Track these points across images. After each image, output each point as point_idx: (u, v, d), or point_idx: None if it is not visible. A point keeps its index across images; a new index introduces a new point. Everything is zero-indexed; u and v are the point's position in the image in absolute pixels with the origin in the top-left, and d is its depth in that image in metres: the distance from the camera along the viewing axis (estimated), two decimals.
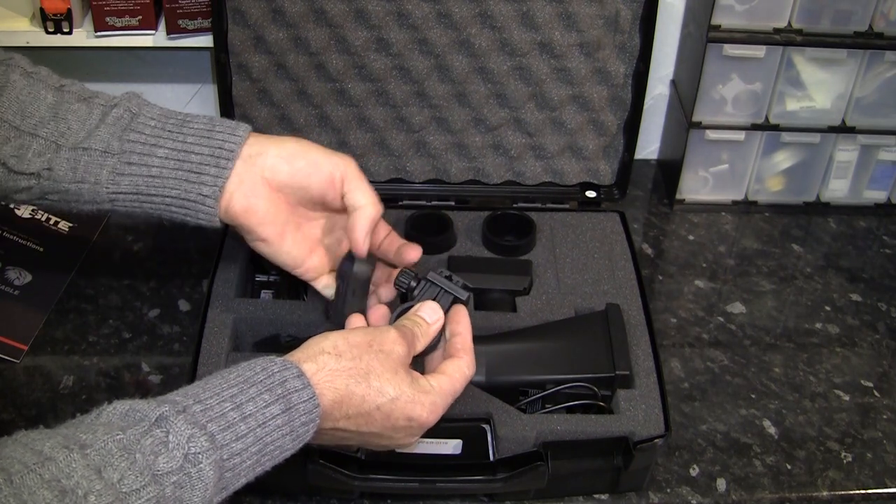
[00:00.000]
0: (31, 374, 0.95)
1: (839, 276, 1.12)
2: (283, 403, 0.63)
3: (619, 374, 0.85)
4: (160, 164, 0.77)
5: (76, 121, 0.76)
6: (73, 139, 0.76)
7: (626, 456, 0.82)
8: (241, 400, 0.62)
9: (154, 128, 0.77)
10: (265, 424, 0.62)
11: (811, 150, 1.18)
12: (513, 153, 1.07)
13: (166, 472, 0.56)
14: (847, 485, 0.89)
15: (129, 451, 0.56)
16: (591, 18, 0.99)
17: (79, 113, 0.76)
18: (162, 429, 0.57)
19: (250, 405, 0.62)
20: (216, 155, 0.77)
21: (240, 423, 0.61)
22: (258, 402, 0.62)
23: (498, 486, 0.82)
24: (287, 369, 0.64)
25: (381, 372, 0.69)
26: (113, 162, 0.76)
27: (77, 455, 0.54)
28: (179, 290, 1.05)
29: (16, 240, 1.03)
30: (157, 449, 0.56)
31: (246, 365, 0.65)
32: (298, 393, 0.64)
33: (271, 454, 0.62)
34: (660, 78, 1.22)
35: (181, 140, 0.77)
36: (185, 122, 0.78)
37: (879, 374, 1.00)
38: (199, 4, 1.04)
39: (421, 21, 0.98)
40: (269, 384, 0.63)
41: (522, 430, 0.82)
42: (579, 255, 1.01)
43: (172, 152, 0.77)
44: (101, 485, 0.53)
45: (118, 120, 0.77)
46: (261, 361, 0.65)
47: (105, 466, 0.54)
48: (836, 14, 1.08)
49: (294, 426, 0.63)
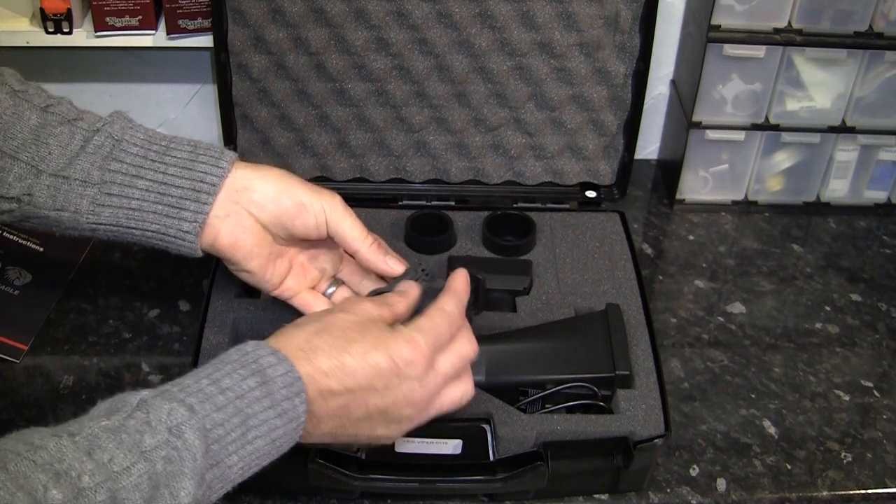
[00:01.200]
0: (31, 374, 0.95)
1: (839, 276, 1.12)
2: (259, 377, 0.63)
3: (619, 374, 0.85)
4: (140, 197, 0.76)
5: (57, 146, 0.75)
6: (53, 165, 0.75)
7: (626, 456, 0.82)
8: (216, 376, 0.62)
9: (136, 156, 0.77)
10: (243, 396, 0.62)
11: (811, 150, 1.18)
12: (513, 153, 1.07)
13: (153, 447, 0.57)
14: (847, 485, 0.89)
15: (115, 433, 0.57)
16: (591, 18, 0.99)
17: (61, 138, 0.76)
18: (143, 410, 0.59)
19: (227, 380, 0.62)
20: (197, 189, 0.76)
21: (218, 395, 0.61)
22: (234, 376, 0.62)
23: (498, 486, 0.82)
24: (260, 348, 0.65)
25: (341, 324, 0.68)
26: (93, 192, 0.75)
27: (66, 441, 0.55)
28: (179, 290, 1.05)
29: (16, 240, 1.03)
30: (140, 428, 0.58)
31: (220, 354, 0.66)
32: (273, 367, 0.64)
33: (257, 429, 0.62)
34: (660, 78, 1.22)
35: (162, 171, 0.76)
36: (169, 149, 0.78)
37: (879, 374, 1.00)
38: (199, 4, 1.04)
39: (421, 21, 0.98)
40: (244, 361, 0.64)
41: (522, 430, 0.82)
42: (579, 255, 1.01)
43: (153, 184, 0.76)
44: (93, 465, 0.55)
45: (99, 148, 0.76)
46: (234, 347, 0.66)
47: (94, 449, 0.56)
48: (836, 14, 1.08)
49: (275, 399, 0.63)
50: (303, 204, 0.79)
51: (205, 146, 0.79)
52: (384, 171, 1.08)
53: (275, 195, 0.79)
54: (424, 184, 1.09)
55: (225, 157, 0.78)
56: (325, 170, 1.07)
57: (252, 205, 0.78)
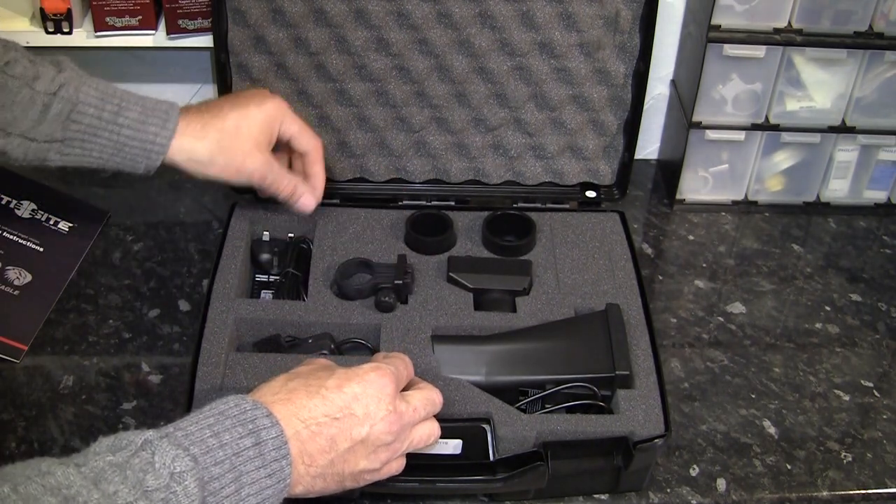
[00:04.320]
0: (31, 374, 0.95)
1: (839, 276, 1.12)
2: (254, 437, 0.65)
3: (619, 374, 0.85)
4: (99, 152, 0.87)
5: (21, 111, 0.83)
6: (20, 128, 0.84)
7: (626, 456, 0.82)
8: (217, 429, 0.64)
9: (91, 116, 0.85)
10: (239, 454, 0.64)
11: (811, 150, 1.18)
12: (513, 153, 1.07)
13: (154, 489, 0.59)
14: (847, 485, 0.89)
15: (121, 469, 0.58)
16: (591, 18, 0.99)
17: (23, 104, 0.83)
18: (147, 451, 0.60)
19: (226, 435, 0.64)
20: (147, 149, 0.87)
21: (217, 449, 0.63)
22: (233, 433, 0.64)
23: (498, 486, 0.82)
24: (257, 408, 0.67)
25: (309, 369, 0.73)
26: (58, 146, 0.86)
27: (73, 470, 0.57)
28: (179, 290, 1.05)
29: (16, 240, 1.03)
30: (144, 468, 0.59)
31: (219, 400, 0.67)
32: (267, 430, 0.66)
33: (249, 487, 0.64)
34: (660, 78, 1.22)
35: (116, 132, 0.86)
36: (121, 109, 0.86)
37: (879, 374, 1.00)
38: (199, 4, 1.04)
39: (421, 21, 0.98)
40: (242, 419, 0.65)
41: (522, 430, 0.82)
42: (579, 255, 1.01)
43: (109, 143, 0.87)
44: (99, 495, 0.56)
45: (58, 115, 0.84)
46: (233, 398, 0.67)
47: (100, 480, 0.57)
48: (836, 14, 1.08)
49: (266, 460, 0.65)
50: (237, 170, 0.91)
51: (152, 105, 0.88)
52: (384, 171, 1.08)
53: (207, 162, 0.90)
54: (424, 184, 1.09)
55: (171, 119, 0.88)
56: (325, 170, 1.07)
57: (190, 168, 0.90)
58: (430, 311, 0.92)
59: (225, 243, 0.97)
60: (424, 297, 0.93)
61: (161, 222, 1.14)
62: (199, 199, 1.17)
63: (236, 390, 0.80)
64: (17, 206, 1.06)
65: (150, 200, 1.17)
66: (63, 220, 1.08)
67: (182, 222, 1.14)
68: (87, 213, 1.10)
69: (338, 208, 1.04)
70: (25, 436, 0.89)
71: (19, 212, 1.06)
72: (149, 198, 1.17)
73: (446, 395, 0.84)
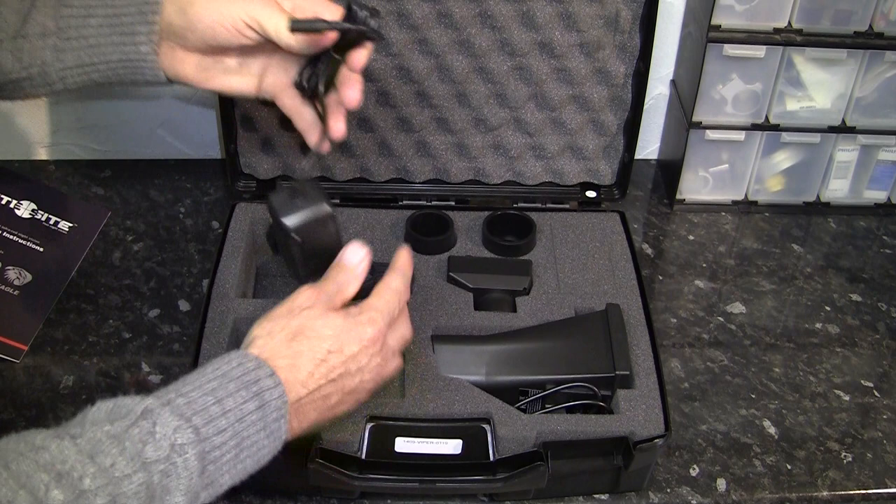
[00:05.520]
0: (31, 374, 0.95)
1: (839, 276, 1.12)
2: (258, 400, 0.65)
3: (619, 374, 0.85)
4: (96, 33, 0.79)
5: (10, 12, 0.78)
6: (10, 30, 0.78)
7: (626, 456, 0.82)
8: (221, 395, 0.63)
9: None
10: (242, 420, 0.63)
11: (811, 150, 1.18)
12: (513, 153, 1.07)
13: (154, 460, 0.58)
14: (847, 485, 0.89)
15: (119, 440, 0.57)
16: (591, 18, 0.99)
17: (11, 3, 0.78)
18: (148, 420, 0.59)
19: (230, 401, 0.63)
20: (143, 11, 0.79)
21: (220, 417, 0.62)
22: (237, 398, 0.64)
23: (498, 486, 0.82)
24: (261, 367, 0.66)
25: (311, 324, 0.71)
26: (52, 41, 0.79)
27: (68, 443, 0.56)
28: (179, 290, 1.05)
29: (16, 240, 1.03)
30: (144, 438, 0.58)
31: (220, 360, 0.66)
32: (270, 391, 0.66)
33: (248, 450, 0.64)
34: (660, 78, 1.22)
35: (111, 4, 0.79)
36: None
37: (879, 374, 1.00)
38: None
39: (421, 21, 0.98)
40: (246, 381, 0.65)
41: (522, 430, 0.82)
42: (579, 255, 1.01)
43: (105, 19, 0.79)
44: (95, 468, 0.55)
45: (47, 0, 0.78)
46: (236, 356, 0.67)
47: (97, 453, 0.56)
48: (836, 14, 1.08)
49: (267, 422, 0.65)
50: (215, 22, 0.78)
51: None
52: (384, 171, 1.08)
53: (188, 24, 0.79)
54: (425, 184, 1.09)
55: None
56: (325, 170, 1.07)
57: (177, 38, 0.80)
58: (431, 311, 0.92)
59: (225, 243, 0.97)
60: (424, 297, 0.93)
61: (161, 222, 1.14)
62: (199, 199, 1.17)
63: None
64: (17, 206, 1.06)
65: (150, 200, 1.17)
66: (63, 220, 1.08)
67: (182, 222, 1.14)
68: (87, 213, 1.10)
69: (338, 208, 1.04)
70: None
71: (19, 212, 1.06)
72: (149, 198, 1.17)
73: (446, 395, 0.84)
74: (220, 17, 0.78)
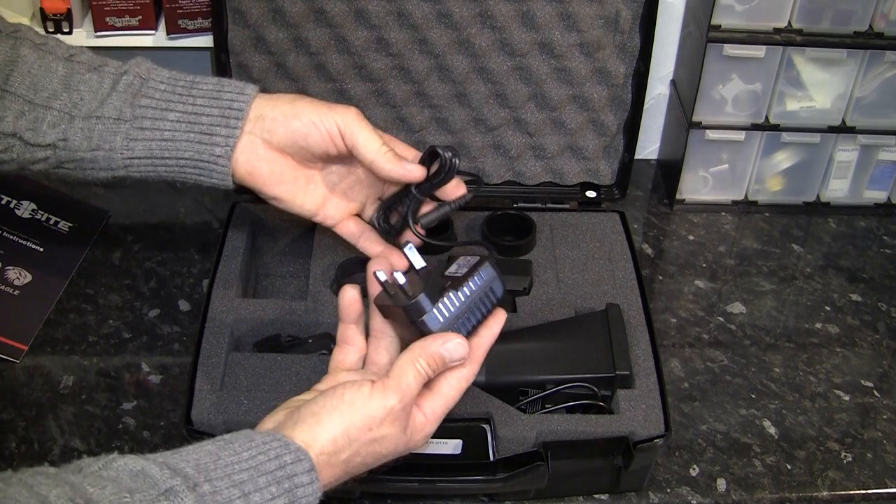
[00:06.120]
0: (31, 374, 0.95)
1: (839, 276, 1.12)
2: (288, 497, 0.62)
3: (619, 374, 0.85)
4: (172, 128, 0.79)
5: (88, 91, 0.78)
6: (85, 109, 0.78)
7: (626, 456, 0.82)
8: (249, 489, 0.61)
9: (164, 91, 0.79)
10: None
11: (811, 150, 1.18)
12: (513, 153, 1.07)
13: None
14: (847, 485, 0.89)
15: None
16: (591, 18, 0.99)
17: (90, 83, 0.78)
18: (170, 502, 0.57)
19: (256, 496, 0.61)
20: (226, 115, 0.79)
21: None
22: (265, 493, 0.61)
23: (498, 486, 0.82)
24: (299, 462, 0.63)
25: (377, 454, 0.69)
26: (126, 128, 0.78)
27: None
28: (179, 290, 1.05)
29: (16, 240, 1.03)
30: None
31: (259, 445, 0.63)
32: (304, 488, 0.63)
33: None
34: (660, 78, 1.22)
35: (191, 103, 0.79)
36: (195, 84, 0.80)
37: (879, 374, 1.00)
38: (199, 4, 1.04)
39: (421, 21, 0.98)
40: (279, 476, 0.62)
41: (522, 430, 0.82)
42: (579, 255, 1.01)
43: (183, 115, 0.79)
44: None
45: (128, 87, 0.79)
46: (275, 446, 0.63)
47: None
48: (836, 14, 1.08)
49: None
50: (312, 122, 0.80)
51: (227, 80, 0.82)
52: None
53: (284, 118, 0.80)
54: None
55: (248, 87, 0.81)
56: None
57: (264, 131, 0.80)
58: None
59: (225, 243, 0.97)
60: None
61: (161, 222, 1.14)
62: (200, 199, 1.17)
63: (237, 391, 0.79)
64: (17, 206, 1.06)
65: (150, 200, 1.17)
66: (63, 220, 1.08)
67: (182, 222, 1.14)
68: (87, 213, 1.10)
69: None
70: (25, 436, 0.89)
71: (19, 212, 1.06)
72: (149, 198, 1.17)
73: None
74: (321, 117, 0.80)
